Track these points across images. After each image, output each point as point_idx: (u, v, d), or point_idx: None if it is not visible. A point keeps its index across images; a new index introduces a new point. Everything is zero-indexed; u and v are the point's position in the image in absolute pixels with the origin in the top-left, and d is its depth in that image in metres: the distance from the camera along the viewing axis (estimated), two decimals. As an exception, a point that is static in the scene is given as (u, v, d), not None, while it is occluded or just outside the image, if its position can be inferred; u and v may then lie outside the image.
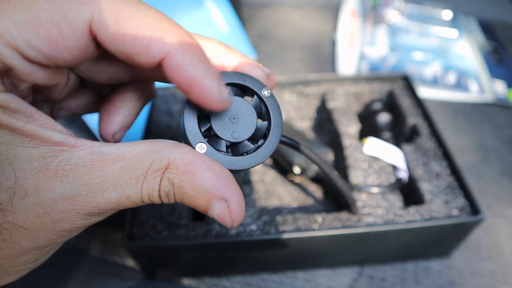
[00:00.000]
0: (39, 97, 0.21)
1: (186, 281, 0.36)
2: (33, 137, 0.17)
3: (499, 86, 0.58)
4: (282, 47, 0.67)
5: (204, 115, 0.20)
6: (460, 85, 0.58)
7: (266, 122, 0.21)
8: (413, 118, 0.40)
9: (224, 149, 0.20)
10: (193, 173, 0.18)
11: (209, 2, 0.55)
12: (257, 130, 0.20)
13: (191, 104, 0.19)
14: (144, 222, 0.31)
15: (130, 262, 0.37)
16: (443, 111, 0.55)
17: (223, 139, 0.20)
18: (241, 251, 0.32)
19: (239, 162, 0.20)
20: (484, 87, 0.58)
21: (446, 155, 0.36)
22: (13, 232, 0.18)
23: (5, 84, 0.17)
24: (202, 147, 0.19)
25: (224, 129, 0.20)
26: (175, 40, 0.18)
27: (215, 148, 0.20)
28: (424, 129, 0.39)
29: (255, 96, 0.21)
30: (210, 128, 0.20)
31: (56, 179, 0.18)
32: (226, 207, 0.18)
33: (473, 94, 0.57)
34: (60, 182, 0.18)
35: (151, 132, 0.38)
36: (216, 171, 0.18)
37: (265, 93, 0.21)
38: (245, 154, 0.20)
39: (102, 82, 0.22)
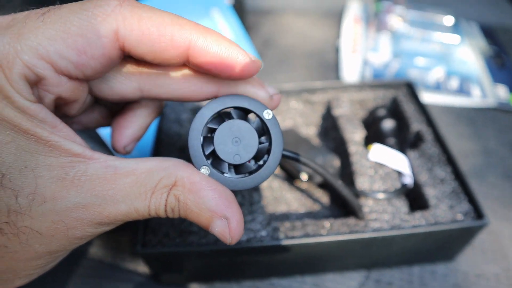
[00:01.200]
0: (57, 114, 0.22)
1: (196, 286, 0.36)
2: (55, 148, 0.19)
3: (501, 91, 0.58)
4: (286, 54, 0.68)
5: (208, 137, 0.22)
6: (462, 90, 0.59)
7: (267, 144, 0.22)
8: (417, 124, 0.40)
9: (226, 170, 0.22)
10: (198, 192, 0.20)
11: (214, 10, 0.56)
12: (258, 151, 0.22)
13: (196, 125, 0.21)
14: (156, 230, 0.32)
15: (141, 268, 0.38)
16: (446, 116, 0.56)
17: (226, 162, 0.21)
18: (251, 257, 0.33)
19: (241, 183, 0.21)
20: (487, 92, 0.58)
21: (450, 161, 0.37)
22: (29, 236, 0.19)
23: (35, 95, 0.19)
24: (205, 170, 0.21)
25: (226, 152, 0.21)
26: (193, 29, 0.20)
27: (218, 169, 0.21)
28: (428, 135, 0.39)
29: (257, 118, 0.22)
30: (214, 151, 0.21)
31: (72, 189, 0.19)
32: (226, 225, 0.20)
33: (475, 99, 0.57)
34: (76, 192, 0.19)
35: (162, 141, 0.39)
36: (219, 191, 0.20)
37: (266, 116, 0.22)
38: (247, 174, 0.22)
39: (113, 100, 0.24)
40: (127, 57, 0.21)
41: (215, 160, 0.22)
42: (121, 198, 0.19)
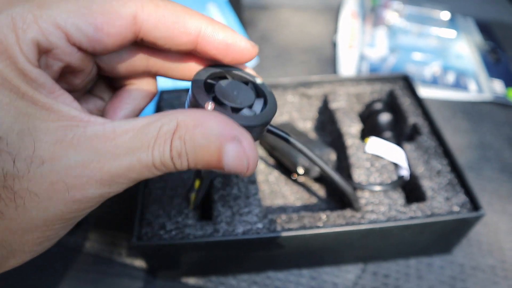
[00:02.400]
0: (63, 85, 0.23)
1: (193, 280, 0.36)
2: (53, 111, 0.19)
3: (497, 86, 0.59)
4: (283, 49, 0.68)
5: (208, 87, 0.23)
6: (459, 85, 0.59)
7: (262, 99, 0.24)
8: (413, 118, 0.40)
9: (230, 113, 0.22)
10: (203, 124, 0.19)
11: (211, 6, 0.56)
12: (255, 102, 0.23)
13: (196, 77, 0.23)
14: (152, 222, 0.32)
15: (138, 263, 0.38)
16: (442, 110, 0.56)
17: (227, 105, 0.22)
18: (247, 249, 0.33)
19: (245, 120, 0.22)
20: (483, 87, 0.59)
21: (447, 153, 0.37)
22: (26, 199, 0.18)
23: (41, 62, 0.19)
24: (210, 105, 0.21)
25: (227, 98, 0.22)
26: (202, 18, 0.22)
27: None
28: (424, 128, 0.39)
29: (250, 84, 0.24)
30: (215, 97, 0.22)
31: (71, 149, 0.19)
32: (240, 147, 0.19)
33: (472, 93, 0.58)
34: (75, 151, 0.19)
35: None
36: (224, 118, 0.20)
37: (258, 81, 0.24)
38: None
39: (118, 74, 0.24)
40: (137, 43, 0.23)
41: (216, 106, 0.22)
42: (122, 152, 0.19)
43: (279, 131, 0.26)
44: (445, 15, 0.72)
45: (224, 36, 0.22)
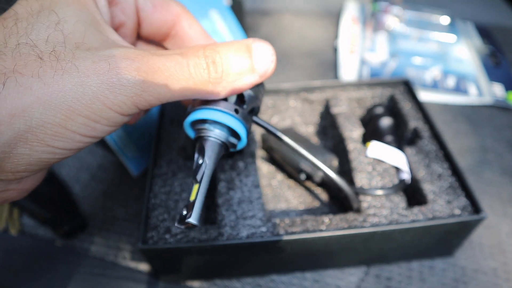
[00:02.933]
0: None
1: (197, 283, 0.37)
2: (108, 30, 0.24)
3: (497, 89, 0.59)
4: (284, 54, 0.68)
5: None
6: (459, 89, 0.59)
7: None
8: (414, 122, 0.41)
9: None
10: (227, 43, 0.24)
11: (213, 11, 0.56)
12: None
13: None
14: (158, 226, 0.32)
15: (143, 266, 0.38)
16: (443, 114, 0.56)
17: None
18: (251, 253, 0.33)
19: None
20: (483, 90, 0.59)
21: (447, 157, 0.37)
22: (66, 70, 0.20)
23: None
24: None
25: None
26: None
27: None
28: (425, 132, 0.40)
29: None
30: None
31: (116, 45, 0.22)
32: (264, 42, 0.24)
33: (472, 97, 0.58)
34: (119, 46, 0.22)
35: (162, 139, 0.39)
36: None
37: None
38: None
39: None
40: None
41: None
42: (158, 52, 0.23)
43: (267, 124, 0.28)
44: (445, 19, 0.73)
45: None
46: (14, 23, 0.20)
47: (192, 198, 0.24)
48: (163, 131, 0.40)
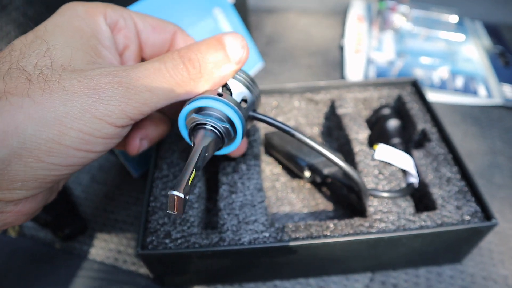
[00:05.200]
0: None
1: (199, 289, 0.36)
2: (98, 52, 0.26)
3: (507, 90, 0.58)
4: (289, 53, 0.67)
5: None
6: (468, 89, 0.58)
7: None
8: (422, 124, 0.40)
9: None
10: (202, 41, 0.26)
11: (217, 10, 0.55)
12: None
13: None
14: (157, 231, 0.31)
15: (143, 270, 0.37)
16: (451, 115, 0.55)
17: None
18: (254, 259, 0.32)
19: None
20: (492, 91, 0.58)
21: (457, 160, 0.36)
22: (54, 89, 0.21)
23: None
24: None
25: None
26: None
27: None
28: (433, 134, 0.39)
29: None
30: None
31: (102, 68, 0.24)
32: (236, 34, 0.26)
33: (481, 98, 0.57)
34: (103, 68, 0.24)
35: (164, 141, 0.39)
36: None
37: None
38: None
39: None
40: None
41: None
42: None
43: (269, 118, 0.29)
44: (453, 18, 0.71)
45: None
46: (8, 53, 0.22)
47: None
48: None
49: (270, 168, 0.43)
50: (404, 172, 0.36)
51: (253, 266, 0.33)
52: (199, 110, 0.26)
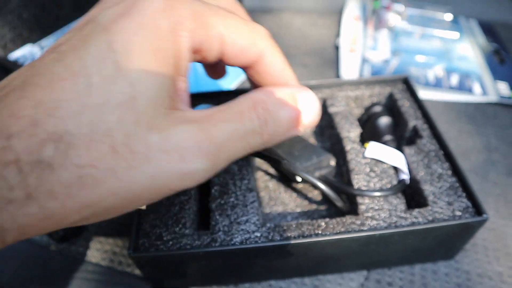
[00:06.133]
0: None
1: (193, 289, 0.36)
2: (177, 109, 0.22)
3: (502, 87, 0.58)
4: (285, 53, 0.66)
5: None
6: (463, 87, 0.58)
7: None
8: (413, 121, 0.40)
9: None
10: (271, 91, 0.23)
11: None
12: None
13: None
14: (149, 233, 0.31)
15: (139, 271, 0.37)
16: (447, 113, 0.55)
17: None
18: (246, 259, 0.32)
19: None
20: (487, 89, 0.58)
21: (448, 156, 0.36)
22: (139, 161, 0.18)
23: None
24: None
25: None
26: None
27: None
28: (424, 131, 0.39)
29: None
30: None
31: (182, 124, 0.20)
32: (307, 91, 0.25)
33: (476, 95, 0.57)
34: (185, 126, 0.21)
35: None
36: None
37: None
38: None
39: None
40: None
41: None
42: (222, 127, 0.21)
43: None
44: (448, 16, 0.72)
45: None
46: (85, 86, 0.18)
47: None
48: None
49: (263, 168, 0.43)
50: (396, 169, 0.36)
51: (247, 266, 0.34)
52: None
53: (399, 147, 0.38)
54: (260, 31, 0.24)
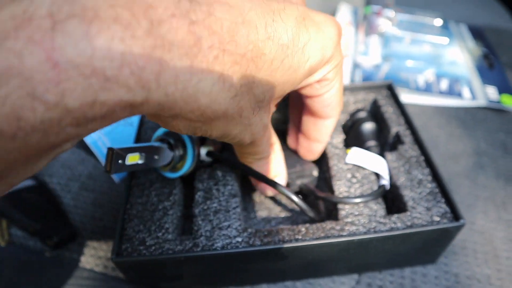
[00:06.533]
0: None
1: (180, 294, 0.36)
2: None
3: (491, 92, 0.58)
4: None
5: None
6: (453, 91, 0.58)
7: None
8: (396, 127, 0.40)
9: None
10: None
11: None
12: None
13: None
14: (133, 238, 0.32)
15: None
16: (436, 117, 0.55)
17: None
18: (229, 263, 0.33)
19: None
20: (476, 93, 0.58)
21: (428, 163, 0.36)
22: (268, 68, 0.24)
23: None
24: None
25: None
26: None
27: None
28: (406, 137, 0.39)
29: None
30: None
31: None
32: None
33: (465, 100, 0.57)
34: None
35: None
36: None
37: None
38: None
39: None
40: None
41: None
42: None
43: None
44: (438, 21, 0.72)
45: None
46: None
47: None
48: (142, 140, 0.40)
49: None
50: (377, 174, 0.36)
51: (230, 271, 0.34)
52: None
53: (382, 153, 0.38)
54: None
